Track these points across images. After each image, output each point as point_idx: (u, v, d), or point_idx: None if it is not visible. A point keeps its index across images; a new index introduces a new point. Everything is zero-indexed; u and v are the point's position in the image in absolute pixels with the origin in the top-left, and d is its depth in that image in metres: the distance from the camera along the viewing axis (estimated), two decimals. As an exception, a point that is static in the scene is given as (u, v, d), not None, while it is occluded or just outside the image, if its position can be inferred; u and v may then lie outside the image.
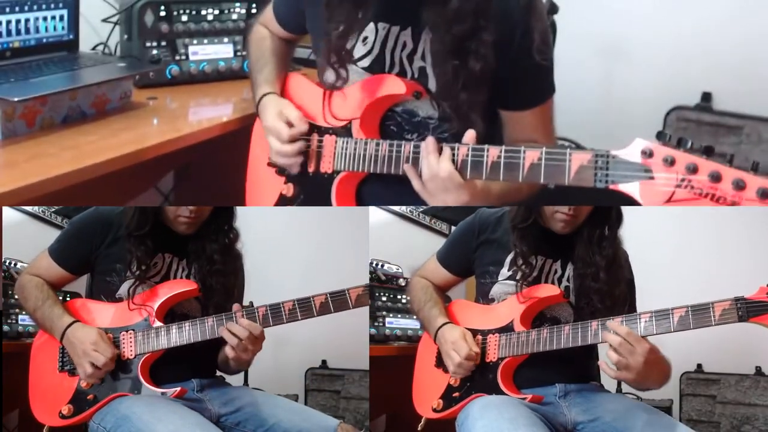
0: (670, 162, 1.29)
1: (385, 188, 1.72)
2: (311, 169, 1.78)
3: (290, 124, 1.76)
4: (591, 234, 1.69)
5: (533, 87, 1.69)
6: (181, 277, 1.73)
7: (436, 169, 1.51)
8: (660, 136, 1.31)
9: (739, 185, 1.23)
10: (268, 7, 1.98)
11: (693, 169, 1.26)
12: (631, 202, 1.34)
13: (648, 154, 1.31)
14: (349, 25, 1.64)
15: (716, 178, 1.25)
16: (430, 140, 1.54)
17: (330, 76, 1.71)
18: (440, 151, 1.52)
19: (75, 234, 1.77)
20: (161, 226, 1.72)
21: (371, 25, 1.68)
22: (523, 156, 1.44)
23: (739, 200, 1.23)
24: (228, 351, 1.63)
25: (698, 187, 1.26)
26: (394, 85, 1.67)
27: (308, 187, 1.80)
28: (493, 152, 1.48)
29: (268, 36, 1.97)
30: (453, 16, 1.55)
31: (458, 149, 1.51)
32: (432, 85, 1.67)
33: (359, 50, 1.70)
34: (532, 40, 1.61)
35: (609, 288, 1.67)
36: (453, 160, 1.51)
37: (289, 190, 1.83)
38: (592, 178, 1.37)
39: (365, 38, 1.70)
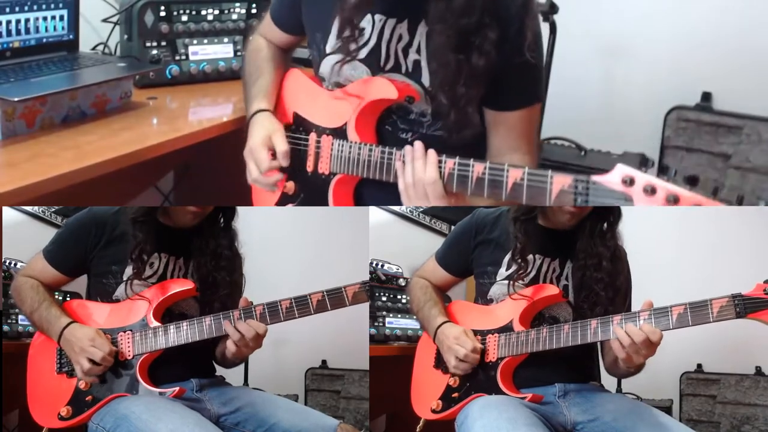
0: (651, 191, 1.27)
1: (384, 191, 1.72)
2: (310, 168, 1.78)
3: (273, 156, 1.76)
4: (593, 227, 1.69)
5: (521, 86, 1.69)
6: (178, 277, 1.73)
7: (421, 175, 1.53)
8: (643, 162, 1.30)
9: None
10: (266, 15, 1.98)
11: (674, 201, 1.24)
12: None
13: (629, 182, 1.29)
14: None
15: None
16: (418, 145, 1.55)
17: (342, 48, 1.69)
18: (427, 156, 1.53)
19: (69, 236, 1.76)
20: (160, 224, 1.71)
21: (368, 16, 1.69)
22: (507, 174, 1.45)
23: None
24: (230, 346, 1.63)
25: None
26: (385, 90, 1.68)
27: (308, 186, 1.80)
28: (478, 168, 1.49)
29: (265, 46, 1.98)
30: (461, 8, 1.56)
31: (445, 162, 1.52)
32: (425, 78, 1.67)
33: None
34: (525, 38, 1.62)
35: (611, 279, 1.67)
36: (440, 173, 1.51)
37: (290, 188, 1.83)
38: (572, 202, 1.37)
39: (362, 29, 1.70)
